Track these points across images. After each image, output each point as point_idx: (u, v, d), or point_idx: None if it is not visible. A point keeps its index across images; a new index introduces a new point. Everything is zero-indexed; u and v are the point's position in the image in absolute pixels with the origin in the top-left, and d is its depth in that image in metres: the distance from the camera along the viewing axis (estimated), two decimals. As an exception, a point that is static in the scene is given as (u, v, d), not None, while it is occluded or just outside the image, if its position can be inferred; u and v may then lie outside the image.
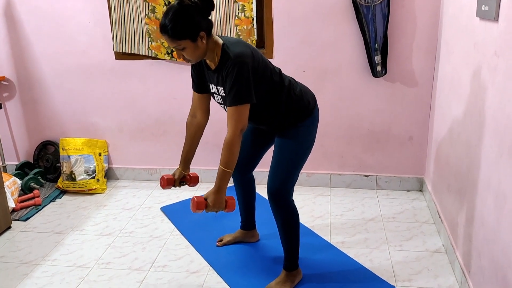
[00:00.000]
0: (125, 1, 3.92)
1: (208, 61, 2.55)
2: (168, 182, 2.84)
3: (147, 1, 3.88)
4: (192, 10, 2.34)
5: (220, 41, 2.50)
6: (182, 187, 2.96)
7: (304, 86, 2.80)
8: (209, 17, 2.44)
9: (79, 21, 4.09)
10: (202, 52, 2.44)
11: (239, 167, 3.06)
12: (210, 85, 2.65)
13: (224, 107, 2.65)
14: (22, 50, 4.26)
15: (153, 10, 3.89)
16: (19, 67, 4.32)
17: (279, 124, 2.72)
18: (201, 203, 2.52)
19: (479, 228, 2.53)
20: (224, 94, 2.53)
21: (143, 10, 3.91)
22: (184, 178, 2.92)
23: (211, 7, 2.41)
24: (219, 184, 2.54)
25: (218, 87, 2.56)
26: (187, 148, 2.88)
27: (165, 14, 2.35)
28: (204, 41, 2.40)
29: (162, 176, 2.85)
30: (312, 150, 2.83)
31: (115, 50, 4.07)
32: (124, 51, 4.06)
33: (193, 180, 2.93)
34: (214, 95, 2.66)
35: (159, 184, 2.91)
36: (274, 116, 2.68)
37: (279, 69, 2.70)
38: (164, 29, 2.35)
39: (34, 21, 4.16)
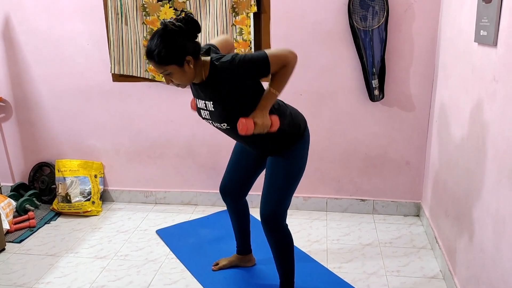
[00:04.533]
0: (123, 23, 3.93)
1: (196, 81, 2.54)
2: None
3: (145, 24, 3.90)
4: (176, 34, 2.33)
5: (208, 58, 2.49)
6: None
7: (294, 109, 2.79)
8: (196, 40, 2.43)
9: (77, 43, 4.10)
10: (190, 76, 2.43)
11: (233, 193, 3.05)
12: (197, 100, 2.62)
13: (211, 123, 2.62)
14: (19, 71, 4.26)
15: (151, 32, 3.90)
16: (16, 88, 4.32)
17: (271, 147, 2.70)
18: (250, 124, 2.44)
19: (478, 254, 2.51)
20: (212, 109, 2.51)
21: (141, 33, 3.92)
22: None
23: (197, 30, 2.39)
24: (265, 104, 2.49)
25: (207, 102, 2.53)
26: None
27: (151, 39, 2.35)
28: (191, 65, 2.39)
29: (193, 99, 2.75)
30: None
31: (112, 72, 4.07)
32: (121, 73, 4.07)
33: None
34: (201, 110, 2.62)
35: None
36: (266, 139, 2.66)
37: None
38: (150, 55, 2.34)
39: (32, 42, 4.17)
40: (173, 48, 2.32)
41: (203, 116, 2.64)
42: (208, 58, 2.49)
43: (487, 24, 2.38)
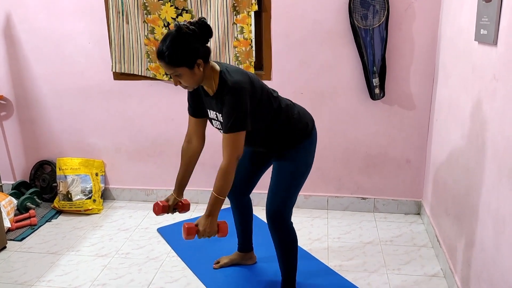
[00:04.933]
0: (124, 22, 3.94)
1: (205, 87, 2.55)
2: (163, 209, 2.79)
3: (146, 22, 3.90)
4: (190, 37, 2.34)
5: (218, 67, 2.50)
6: (173, 213, 2.93)
7: (302, 108, 2.81)
8: (207, 44, 2.45)
9: (78, 42, 4.11)
10: (199, 79, 2.45)
11: (237, 190, 3.05)
12: (209, 111, 2.65)
13: (222, 133, 2.65)
14: (20, 69, 4.27)
15: (152, 31, 3.91)
16: (17, 86, 4.33)
17: (278, 146, 2.72)
18: (191, 230, 2.48)
19: (478, 252, 2.51)
20: (222, 120, 2.53)
21: (142, 31, 3.93)
22: (176, 204, 2.88)
23: (209, 34, 2.41)
24: (210, 210, 2.51)
25: (217, 113, 2.56)
26: (182, 174, 2.85)
27: (163, 40, 2.36)
28: (201, 68, 2.41)
29: (157, 203, 2.79)
30: (309, 172, 2.82)
31: (113, 70, 4.08)
32: (122, 71, 4.07)
33: (184, 207, 2.88)
34: (213, 121, 2.66)
35: (152, 211, 2.83)
36: (273, 139, 2.68)
37: (277, 92, 2.71)
38: (161, 55, 2.35)
39: (33, 41, 4.17)
40: (185, 50, 2.33)
41: (215, 126, 2.68)
42: (218, 67, 2.51)
43: (487, 23, 2.38)
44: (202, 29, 2.38)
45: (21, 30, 4.16)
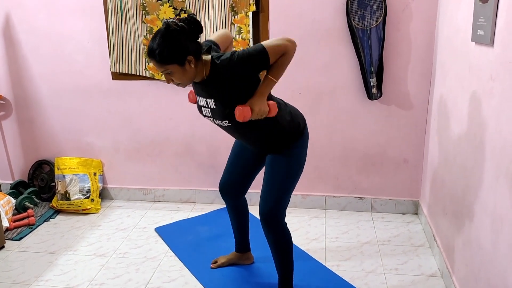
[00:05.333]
0: (123, 22, 3.94)
1: (197, 80, 2.55)
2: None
3: (144, 22, 3.91)
4: (179, 34, 2.35)
5: (209, 57, 2.51)
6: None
7: (293, 107, 2.81)
8: (198, 40, 2.45)
9: (77, 42, 4.11)
10: (191, 75, 2.45)
11: (232, 191, 3.06)
12: (198, 97, 2.64)
13: (213, 120, 2.64)
14: (19, 69, 4.27)
15: (150, 31, 3.91)
16: (16, 86, 4.33)
17: (270, 145, 2.72)
18: (247, 110, 2.46)
19: (476, 252, 2.52)
20: (214, 106, 2.53)
21: (141, 31, 3.93)
22: None
23: (199, 30, 2.42)
24: (263, 91, 2.50)
25: (208, 100, 2.55)
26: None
27: (153, 38, 2.37)
28: (192, 65, 2.41)
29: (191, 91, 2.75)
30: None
31: (112, 70, 4.08)
32: (121, 71, 4.07)
33: None
34: (203, 108, 2.63)
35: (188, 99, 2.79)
36: (266, 138, 2.68)
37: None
38: (151, 53, 2.36)
39: (32, 40, 4.17)
40: (174, 47, 2.34)
41: (204, 114, 2.65)
42: (209, 56, 2.51)
43: (483, 23, 2.39)
44: (192, 26, 2.39)
45: (20, 30, 4.16)
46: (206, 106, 2.59)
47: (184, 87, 2.57)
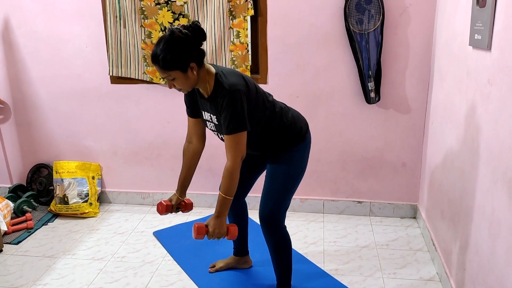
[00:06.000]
0: (122, 26, 3.95)
1: (201, 90, 2.57)
2: (167, 209, 2.82)
3: (143, 26, 3.91)
4: (183, 41, 2.37)
5: (213, 70, 2.52)
6: (176, 212, 2.95)
7: (296, 111, 2.82)
8: (201, 47, 2.46)
9: (75, 45, 4.11)
10: (193, 82, 2.47)
11: None
12: (203, 112, 2.66)
13: (217, 134, 2.67)
14: (18, 73, 4.27)
15: (149, 35, 3.92)
16: (14, 89, 4.33)
17: (272, 149, 2.73)
18: (202, 229, 2.52)
19: (474, 256, 2.52)
20: (217, 122, 2.56)
21: (139, 35, 3.93)
22: (179, 204, 2.91)
23: (203, 38, 2.44)
24: (219, 211, 2.55)
25: (212, 115, 2.58)
26: (184, 174, 2.89)
27: (157, 44, 2.39)
28: (195, 72, 2.43)
29: (160, 202, 2.83)
30: (305, 176, 2.83)
31: (110, 74, 4.08)
32: (119, 75, 4.08)
33: (187, 207, 2.93)
34: (207, 122, 2.67)
35: (156, 210, 2.87)
36: (267, 142, 2.69)
37: (272, 96, 2.72)
38: (155, 59, 2.38)
39: (31, 44, 4.17)
40: (178, 54, 2.35)
41: (209, 128, 2.71)
42: (213, 70, 2.52)
43: (481, 28, 2.39)
44: (196, 33, 2.40)
45: (19, 34, 4.16)
46: (210, 121, 2.63)
47: (186, 92, 2.58)
